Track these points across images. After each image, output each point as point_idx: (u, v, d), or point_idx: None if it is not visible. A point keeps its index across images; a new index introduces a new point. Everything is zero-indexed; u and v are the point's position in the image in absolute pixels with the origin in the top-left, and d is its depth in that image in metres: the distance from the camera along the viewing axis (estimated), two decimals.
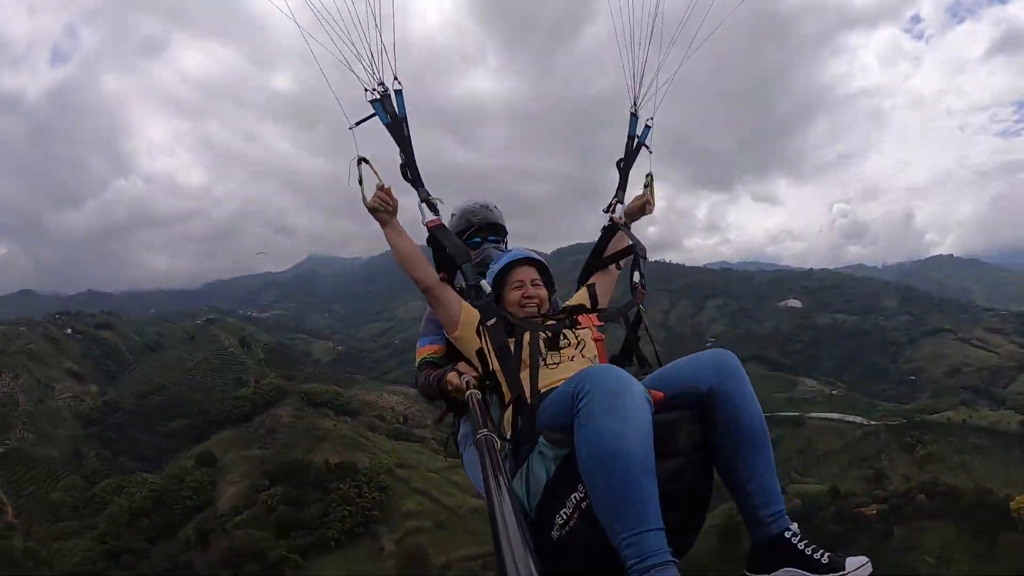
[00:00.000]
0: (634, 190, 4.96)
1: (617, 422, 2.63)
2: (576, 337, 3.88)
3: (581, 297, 4.58)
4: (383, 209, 4.12)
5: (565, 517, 2.91)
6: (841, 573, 2.74)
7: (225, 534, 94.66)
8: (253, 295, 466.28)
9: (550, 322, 3.92)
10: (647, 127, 4.95)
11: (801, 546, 2.88)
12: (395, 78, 4.20)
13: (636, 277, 4.42)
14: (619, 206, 4.84)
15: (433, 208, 4.27)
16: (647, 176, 4.93)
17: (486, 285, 3.92)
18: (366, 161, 4.07)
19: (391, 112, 4.20)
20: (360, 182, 4.07)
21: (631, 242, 4.58)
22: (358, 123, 4.16)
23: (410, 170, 4.25)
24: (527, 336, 3.65)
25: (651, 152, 4.96)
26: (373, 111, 4.20)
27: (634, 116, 4.93)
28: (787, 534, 2.94)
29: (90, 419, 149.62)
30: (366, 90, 4.19)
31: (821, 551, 2.84)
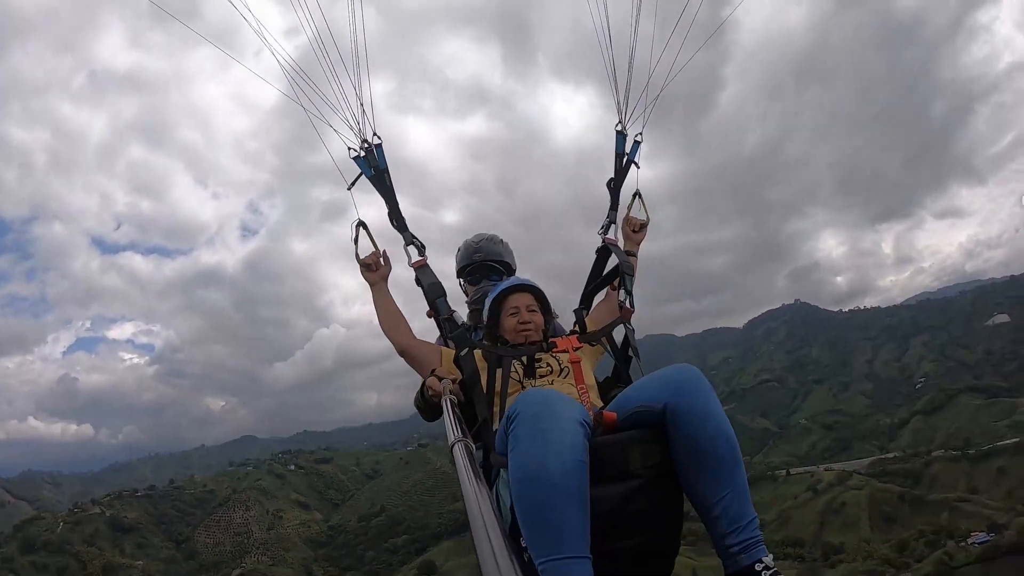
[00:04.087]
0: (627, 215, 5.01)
1: (537, 446, 2.55)
2: (559, 363, 3.84)
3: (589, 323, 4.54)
4: (374, 268, 4.44)
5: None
6: None
7: None
8: None
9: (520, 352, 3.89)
10: (636, 143, 4.95)
11: None
12: (374, 133, 4.43)
13: (621, 295, 4.30)
14: (612, 226, 4.81)
15: (419, 250, 4.39)
16: (634, 195, 4.96)
17: (459, 317, 3.99)
18: (364, 226, 4.42)
19: (374, 165, 4.43)
20: (356, 241, 4.40)
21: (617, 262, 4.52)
22: (353, 183, 4.44)
23: (395, 218, 4.42)
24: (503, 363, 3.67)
25: (639, 167, 4.97)
26: (362, 171, 4.44)
27: (621, 134, 4.91)
28: (757, 567, 2.71)
29: (318, 542, 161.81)
30: (349, 149, 4.44)
31: None
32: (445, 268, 4.48)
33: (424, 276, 4.29)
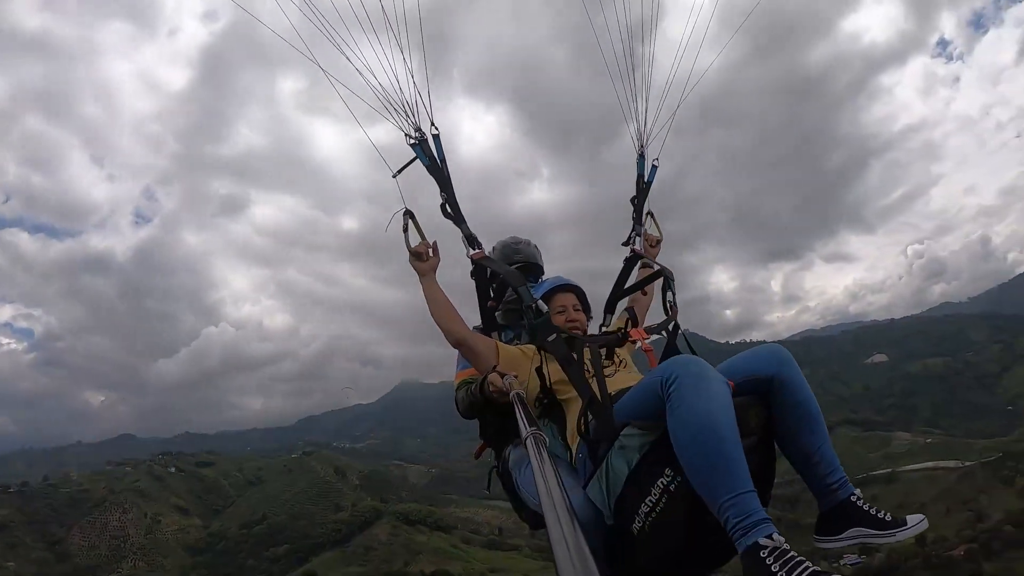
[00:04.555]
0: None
1: (705, 401, 2.88)
2: (618, 357, 4.15)
3: (621, 322, 4.85)
4: (424, 258, 4.36)
5: (651, 504, 3.11)
6: (903, 528, 3.14)
7: None
8: (346, 427, 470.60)
9: (601, 340, 4.14)
10: (654, 167, 5.28)
11: (866, 507, 3.25)
12: (432, 123, 4.45)
13: (669, 297, 4.51)
14: (637, 239, 5.18)
15: (475, 242, 4.49)
16: (647, 215, 5.28)
17: (543, 305, 3.97)
18: (412, 216, 4.34)
19: (430, 155, 4.47)
20: (405, 230, 4.32)
21: (657, 268, 4.85)
22: (400, 170, 4.45)
23: (451, 207, 4.48)
24: (587, 349, 3.81)
25: (647, 190, 5.29)
26: (414, 156, 4.49)
27: (641, 157, 5.28)
28: (852, 498, 3.30)
29: (196, 549, 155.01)
30: (406, 135, 4.45)
31: (884, 511, 3.21)
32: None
33: (495, 265, 4.47)
